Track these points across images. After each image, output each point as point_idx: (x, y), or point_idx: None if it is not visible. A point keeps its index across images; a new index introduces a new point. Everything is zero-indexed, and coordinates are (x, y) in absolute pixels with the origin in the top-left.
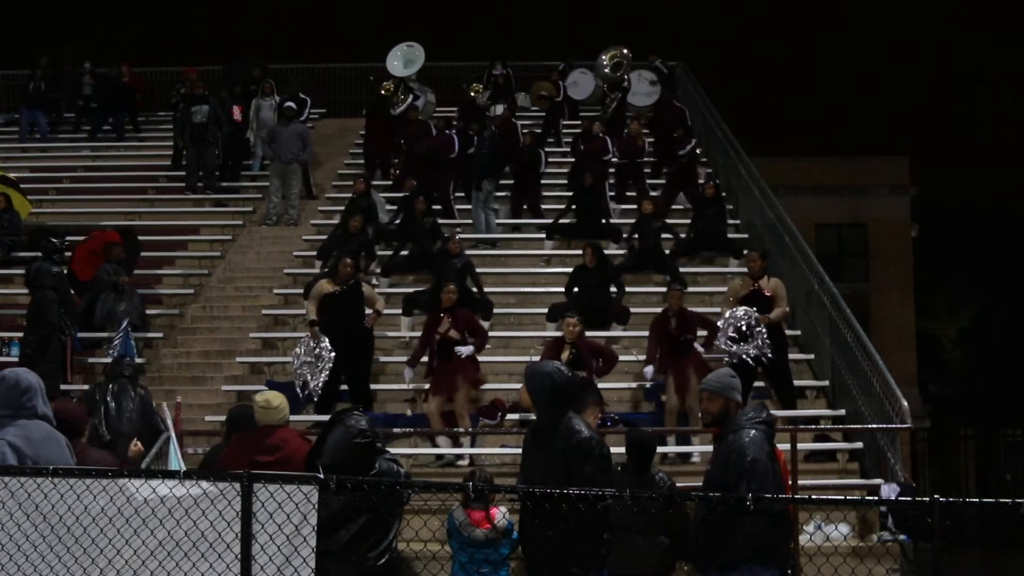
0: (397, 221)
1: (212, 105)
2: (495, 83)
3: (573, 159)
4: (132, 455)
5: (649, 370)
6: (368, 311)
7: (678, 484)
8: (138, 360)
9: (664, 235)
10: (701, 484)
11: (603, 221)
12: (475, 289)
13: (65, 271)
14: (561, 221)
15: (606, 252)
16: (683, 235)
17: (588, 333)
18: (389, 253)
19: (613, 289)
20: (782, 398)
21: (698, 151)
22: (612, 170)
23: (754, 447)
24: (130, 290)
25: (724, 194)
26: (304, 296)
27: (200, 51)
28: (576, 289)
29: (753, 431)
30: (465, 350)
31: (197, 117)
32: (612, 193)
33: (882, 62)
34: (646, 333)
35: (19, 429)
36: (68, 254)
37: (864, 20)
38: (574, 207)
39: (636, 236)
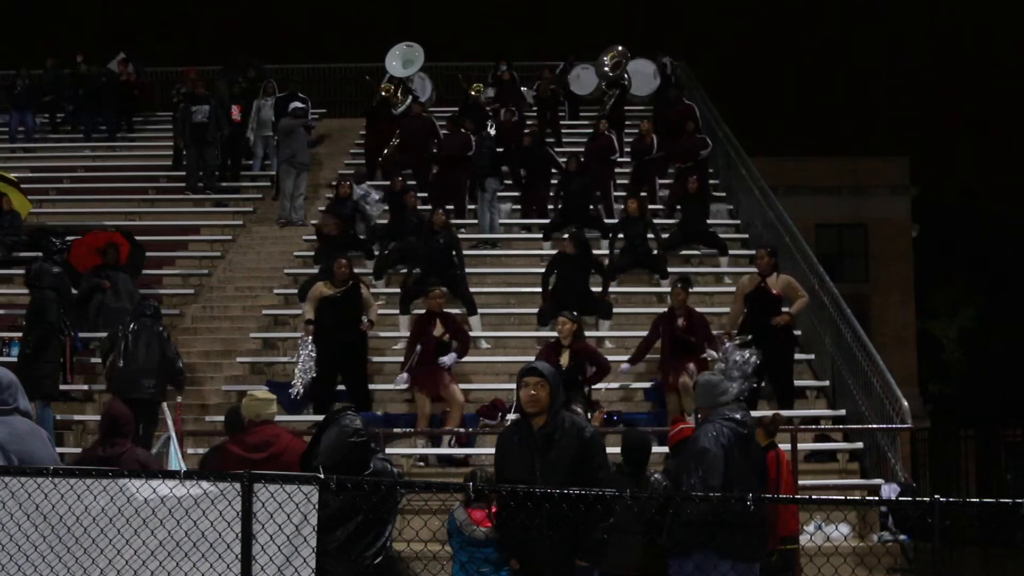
0: (385, 221)
1: (212, 105)
2: (499, 82)
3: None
4: None
5: (626, 367)
6: (364, 318)
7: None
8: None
9: (650, 235)
10: None
11: (590, 207)
12: (458, 271)
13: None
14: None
15: (595, 252)
16: (666, 234)
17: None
18: (382, 253)
19: (597, 288)
20: (781, 398)
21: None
22: (627, 170)
23: (706, 438)
24: (122, 288)
25: (714, 192)
26: (300, 297)
27: (200, 51)
28: (554, 276)
29: (712, 424)
30: (448, 359)
31: (197, 117)
32: (623, 193)
33: (882, 62)
34: (636, 333)
35: (2, 425)
36: (70, 240)
37: (864, 20)
38: (561, 194)
39: (621, 236)
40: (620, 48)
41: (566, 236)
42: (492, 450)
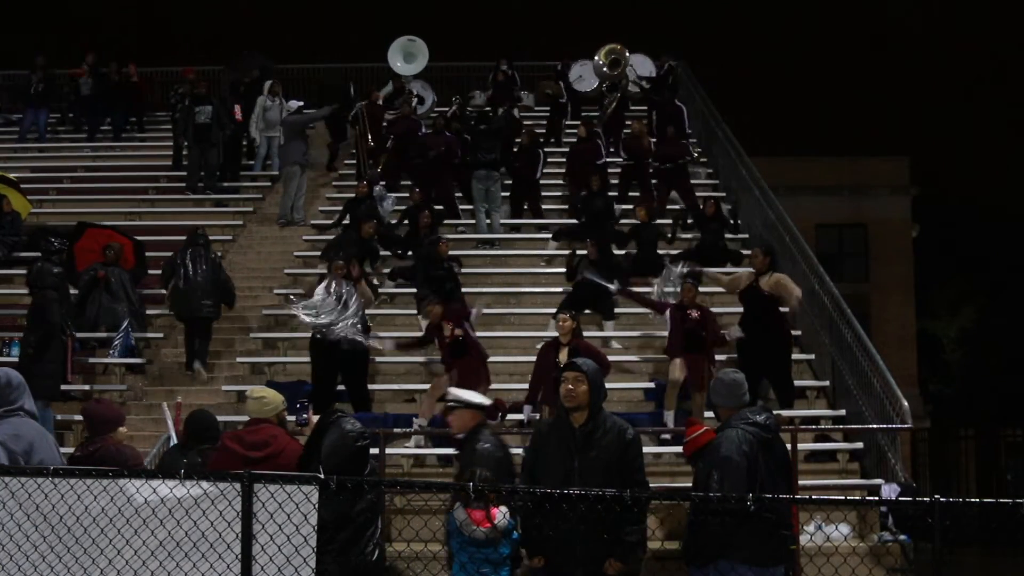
0: (401, 230)
1: (215, 106)
2: (496, 81)
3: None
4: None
5: (677, 363)
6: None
7: (679, 483)
8: (138, 360)
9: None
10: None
11: (609, 221)
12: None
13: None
14: (567, 222)
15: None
16: (679, 251)
17: (586, 333)
18: (397, 254)
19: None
20: (781, 398)
21: (697, 152)
22: (619, 171)
23: (728, 445)
24: (119, 287)
25: (714, 192)
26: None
27: (200, 51)
28: (578, 279)
29: (734, 431)
30: (474, 312)
31: (201, 118)
32: (615, 193)
33: (882, 62)
34: (637, 333)
35: (9, 427)
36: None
37: (865, 20)
38: (579, 207)
39: (633, 242)
40: (618, 47)
41: (590, 242)
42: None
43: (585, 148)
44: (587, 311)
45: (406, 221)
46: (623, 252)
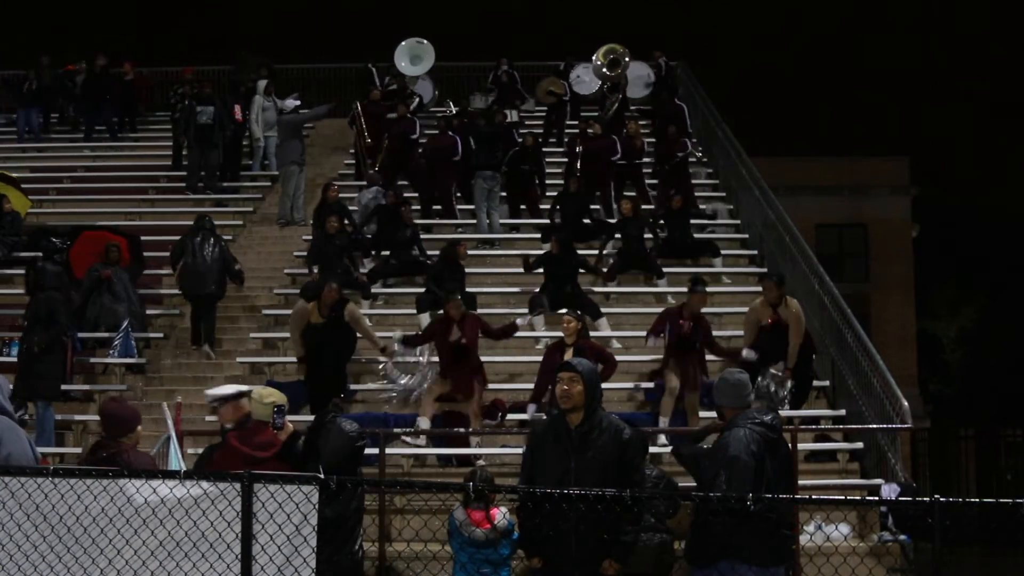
0: (370, 230)
1: (218, 107)
2: (499, 82)
3: (567, 159)
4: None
5: (652, 341)
6: (359, 335)
7: (680, 483)
8: (138, 360)
9: (647, 235)
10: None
11: (586, 222)
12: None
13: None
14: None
15: (604, 252)
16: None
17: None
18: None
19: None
20: (792, 400)
21: (699, 153)
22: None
23: (737, 444)
24: (120, 288)
25: (714, 192)
26: (303, 296)
27: (200, 51)
28: (541, 270)
29: (742, 430)
30: (521, 321)
31: (203, 118)
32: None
33: (882, 62)
34: (636, 333)
35: None
36: (68, 244)
37: (864, 20)
38: (558, 208)
39: (618, 236)
40: (618, 48)
41: (553, 237)
42: (492, 450)
43: (601, 145)
44: (563, 311)
45: (376, 221)
46: (607, 251)
